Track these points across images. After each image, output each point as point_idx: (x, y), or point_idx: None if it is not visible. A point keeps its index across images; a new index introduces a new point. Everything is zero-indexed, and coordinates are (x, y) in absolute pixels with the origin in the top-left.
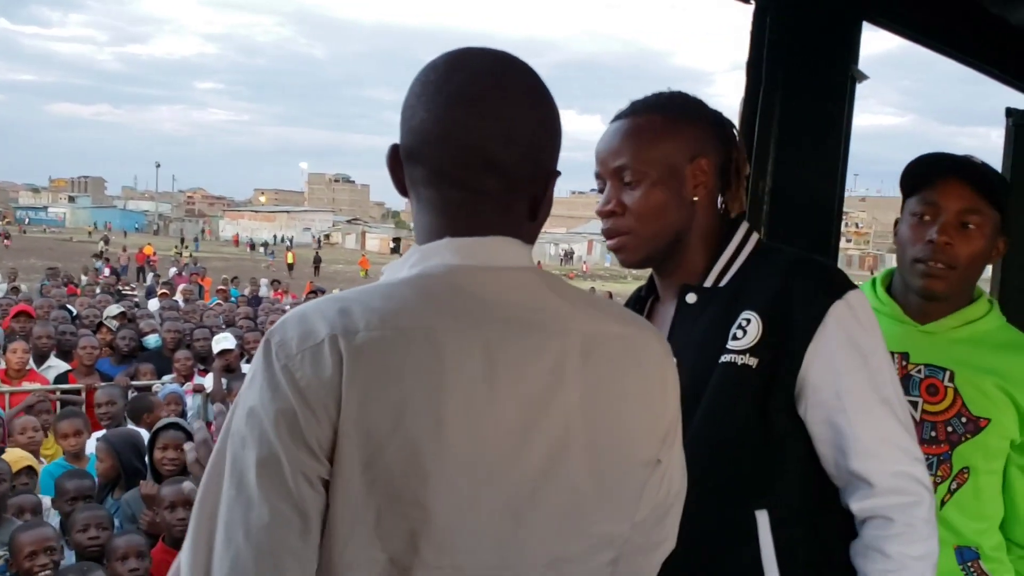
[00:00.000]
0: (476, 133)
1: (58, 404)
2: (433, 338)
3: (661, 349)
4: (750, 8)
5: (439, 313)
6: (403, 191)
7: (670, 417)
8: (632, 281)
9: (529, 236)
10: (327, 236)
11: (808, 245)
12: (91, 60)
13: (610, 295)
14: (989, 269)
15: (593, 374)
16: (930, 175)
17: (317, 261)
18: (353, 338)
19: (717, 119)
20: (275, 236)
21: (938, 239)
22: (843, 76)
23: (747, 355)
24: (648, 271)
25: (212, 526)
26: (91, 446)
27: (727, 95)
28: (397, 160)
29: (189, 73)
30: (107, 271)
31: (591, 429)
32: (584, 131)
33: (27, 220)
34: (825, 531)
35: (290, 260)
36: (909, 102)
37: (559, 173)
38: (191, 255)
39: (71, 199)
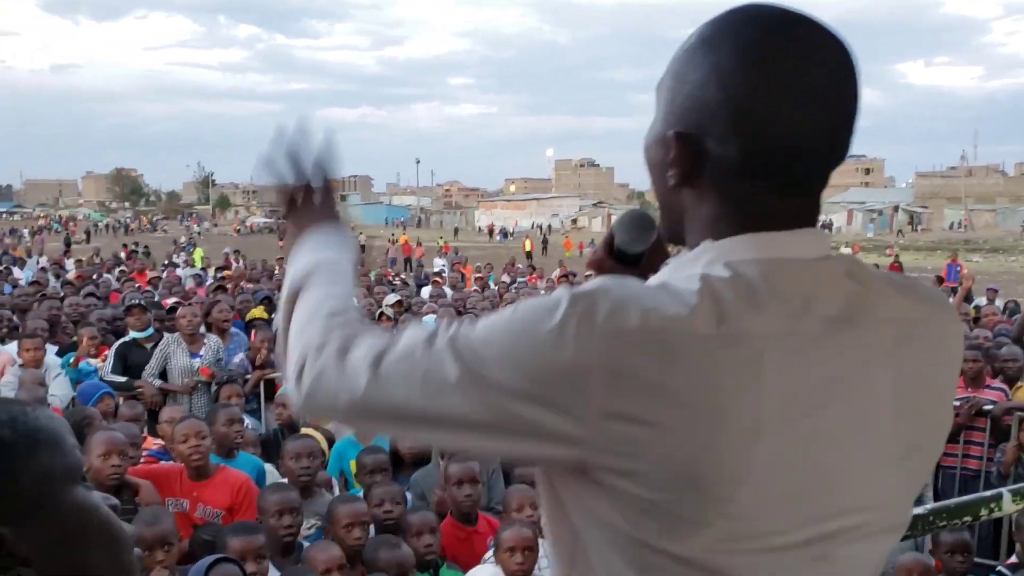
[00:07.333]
0: (794, 117)
1: None
2: (749, 341)
3: (958, 331)
4: None
5: (752, 313)
6: (685, 182)
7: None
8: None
9: None
10: (574, 221)
11: None
12: (354, 66)
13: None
14: None
15: (903, 366)
16: None
17: (544, 243)
18: (663, 334)
19: None
20: (532, 224)
21: None
22: None
23: None
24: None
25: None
26: None
27: (1006, 43)
28: (683, 147)
29: (442, 71)
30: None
31: (901, 423)
32: None
33: None
34: None
35: (528, 248)
36: None
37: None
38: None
39: (343, 197)
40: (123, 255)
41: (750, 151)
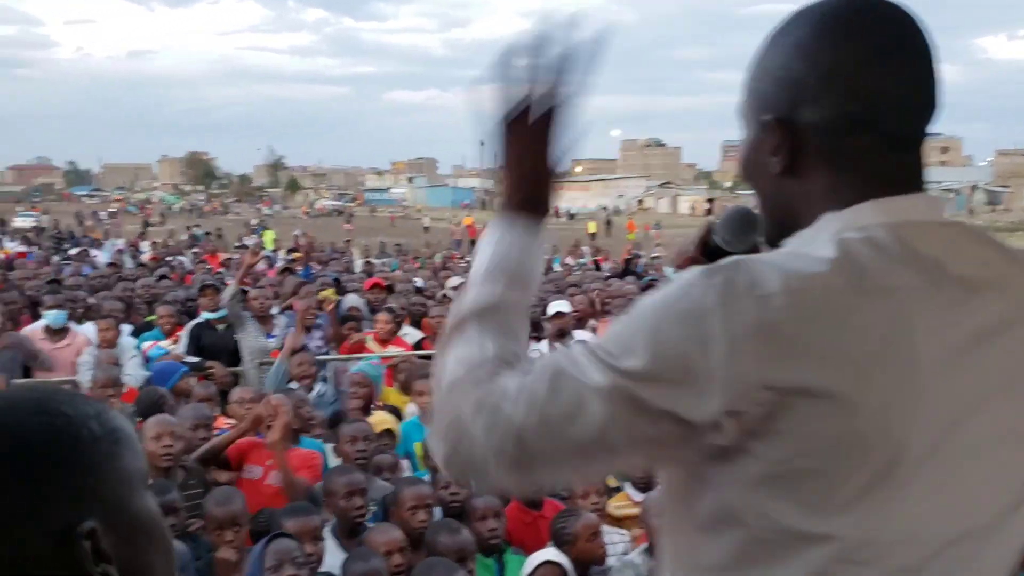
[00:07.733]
0: (879, 67)
1: None
2: (893, 294)
3: None
4: None
5: (892, 269)
6: (793, 164)
7: None
8: None
9: None
10: (640, 201)
11: None
12: (421, 48)
13: None
14: None
15: None
16: None
17: (608, 224)
18: (808, 292)
19: None
20: (598, 205)
21: None
22: None
23: None
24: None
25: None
26: None
27: None
28: (782, 129)
29: None
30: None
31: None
32: None
33: (371, 201)
34: None
35: (592, 229)
36: None
37: None
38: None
39: (410, 180)
40: (185, 238)
41: (845, 105)
